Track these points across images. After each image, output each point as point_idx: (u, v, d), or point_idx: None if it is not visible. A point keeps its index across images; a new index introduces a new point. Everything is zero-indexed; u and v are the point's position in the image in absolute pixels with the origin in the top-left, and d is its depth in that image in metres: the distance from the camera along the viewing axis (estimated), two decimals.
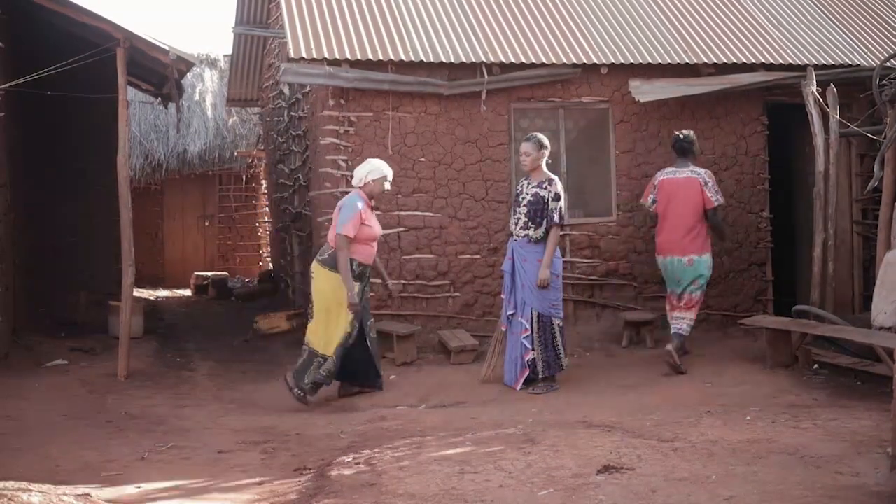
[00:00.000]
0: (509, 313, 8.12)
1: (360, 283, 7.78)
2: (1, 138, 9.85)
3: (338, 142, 9.45)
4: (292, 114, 12.32)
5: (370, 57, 9.29)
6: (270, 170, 15.86)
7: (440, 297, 9.60)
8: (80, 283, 12.56)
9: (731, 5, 11.01)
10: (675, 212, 8.66)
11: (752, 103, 10.24)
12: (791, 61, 10.10)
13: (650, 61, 9.84)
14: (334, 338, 7.78)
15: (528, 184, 8.16)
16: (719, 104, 10.16)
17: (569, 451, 5.64)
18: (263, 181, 18.91)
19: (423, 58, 9.40)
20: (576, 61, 9.71)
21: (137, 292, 12.68)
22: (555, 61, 9.66)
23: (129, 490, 5.47)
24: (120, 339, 9.12)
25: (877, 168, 8.30)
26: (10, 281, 9.97)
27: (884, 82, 8.62)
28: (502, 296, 8.30)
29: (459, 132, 9.66)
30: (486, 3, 10.32)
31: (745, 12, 10.92)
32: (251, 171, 19.48)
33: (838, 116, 9.05)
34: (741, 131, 10.22)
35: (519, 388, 8.00)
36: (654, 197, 8.86)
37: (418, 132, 9.59)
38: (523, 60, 9.59)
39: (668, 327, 8.88)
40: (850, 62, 10.26)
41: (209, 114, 19.15)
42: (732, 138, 10.23)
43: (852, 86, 10.00)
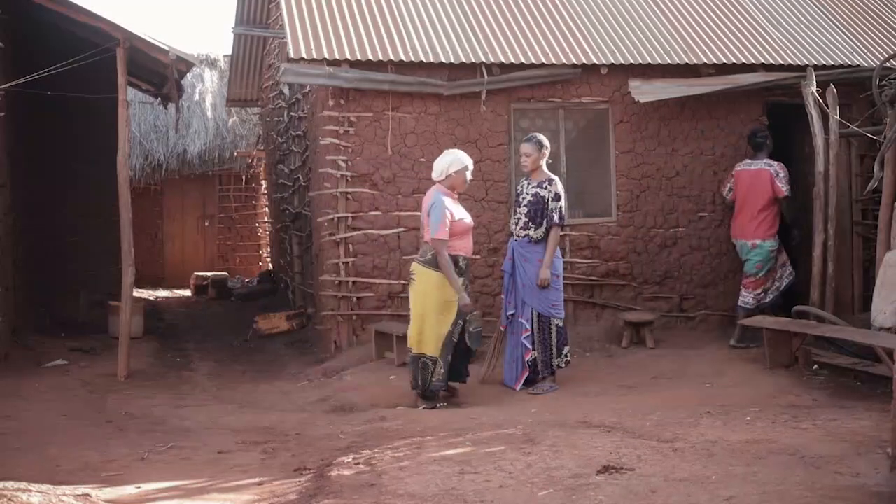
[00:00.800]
0: (509, 313, 8.12)
1: (463, 278, 7.65)
2: (1, 138, 9.86)
3: (338, 142, 9.45)
4: (292, 114, 12.32)
5: (370, 57, 9.29)
6: (270, 170, 15.87)
7: None
8: (80, 283, 12.57)
9: (731, 5, 11.01)
10: (747, 200, 9.52)
11: (752, 103, 10.25)
12: (791, 62, 10.10)
13: (650, 61, 9.85)
14: (439, 337, 7.56)
15: (528, 184, 8.16)
16: (719, 104, 10.17)
17: (569, 451, 5.64)
18: (263, 181, 18.92)
19: (422, 58, 9.40)
20: (575, 61, 9.72)
21: (137, 292, 12.70)
22: (554, 61, 9.66)
23: (129, 490, 5.47)
24: (120, 339, 9.12)
25: (877, 168, 8.30)
26: (10, 281, 9.97)
27: (884, 83, 8.63)
28: (502, 296, 8.30)
29: (459, 132, 9.66)
30: (486, 3, 10.32)
31: (745, 12, 10.92)
32: (251, 171, 19.49)
33: (838, 117, 9.05)
34: (741, 131, 10.22)
35: (519, 388, 8.00)
36: (731, 186, 9.72)
37: (418, 132, 9.59)
38: (523, 61, 9.59)
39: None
40: (850, 63, 10.26)
41: (209, 114, 19.16)
42: (732, 138, 10.23)
43: (852, 86, 10.00)
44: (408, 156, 9.56)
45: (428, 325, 7.56)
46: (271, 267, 17.03)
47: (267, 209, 18.20)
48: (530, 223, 8.02)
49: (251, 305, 14.25)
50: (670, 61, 9.88)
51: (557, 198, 8.04)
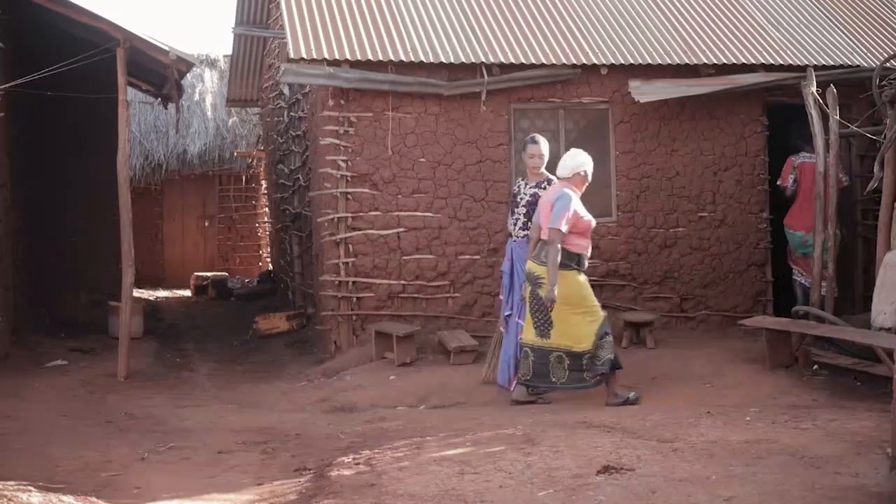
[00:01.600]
0: (506, 314, 8.11)
1: (582, 274, 7.69)
2: (1, 138, 9.86)
3: (338, 142, 9.45)
4: (292, 114, 12.32)
5: (370, 57, 9.29)
6: (270, 170, 15.87)
7: (440, 298, 9.60)
8: (80, 283, 12.58)
9: (731, 5, 11.01)
10: (812, 191, 9.26)
11: (752, 104, 10.24)
12: (791, 62, 10.10)
13: (650, 62, 9.85)
14: (592, 328, 7.53)
15: (526, 184, 8.17)
16: (719, 105, 10.16)
17: (569, 451, 5.64)
18: (263, 181, 18.92)
19: (422, 58, 9.40)
20: (575, 62, 9.72)
21: (137, 292, 12.69)
22: (554, 62, 9.66)
23: (129, 490, 5.47)
24: (120, 339, 9.13)
25: (877, 169, 8.30)
26: (10, 281, 9.98)
27: (884, 83, 8.62)
28: (500, 296, 8.29)
29: (459, 133, 9.66)
30: (486, 3, 10.32)
31: (745, 12, 10.91)
32: (251, 171, 19.49)
33: (838, 117, 9.04)
34: (741, 132, 10.22)
35: (513, 388, 7.94)
36: (795, 178, 9.80)
37: (418, 132, 9.59)
38: (523, 61, 9.59)
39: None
40: (850, 63, 10.26)
41: (209, 114, 19.17)
42: (732, 139, 10.23)
43: (852, 86, 9.99)
44: (408, 156, 9.56)
45: (576, 321, 7.50)
46: (271, 267, 17.03)
47: (267, 209, 18.20)
48: (530, 223, 8.01)
49: (251, 305, 14.25)
50: (670, 61, 9.88)
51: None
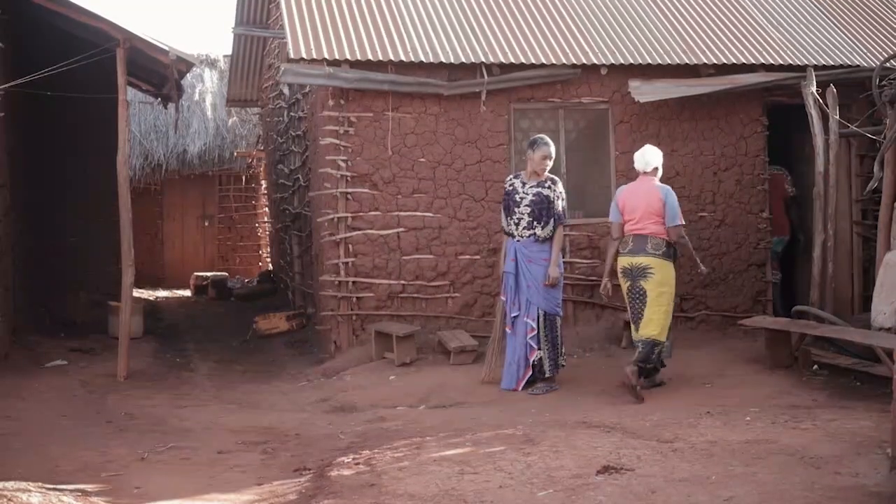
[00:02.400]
0: (514, 315, 8.12)
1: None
2: (1, 138, 9.86)
3: (338, 142, 9.45)
4: (292, 114, 12.32)
5: (370, 57, 9.29)
6: (270, 170, 15.87)
7: (440, 298, 9.60)
8: (80, 283, 12.57)
9: (731, 5, 11.01)
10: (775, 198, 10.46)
11: (752, 104, 10.24)
12: (791, 62, 10.10)
13: (650, 62, 9.85)
14: (669, 321, 7.86)
15: (526, 184, 8.17)
16: (719, 105, 10.16)
17: (568, 451, 5.65)
18: (263, 181, 18.92)
19: (422, 58, 9.40)
20: (575, 62, 9.72)
21: (137, 292, 12.69)
22: (554, 62, 9.66)
23: (129, 490, 5.47)
24: (120, 339, 9.13)
25: (876, 169, 8.30)
26: (10, 281, 9.97)
27: (883, 83, 8.62)
28: (502, 297, 8.29)
29: (459, 133, 9.66)
30: (486, 3, 10.32)
31: (745, 12, 10.92)
32: (251, 171, 19.49)
33: (838, 117, 9.05)
34: (741, 132, 10.22)
35: (521, 388, 8.00)
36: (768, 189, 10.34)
37: (418, 132, 9.59)
38: (523, 61, 9.59)
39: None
40: (849, 63, 10.26)
41: (209, 114, 19.16)
42: (732, 139, 10.22)
43: (852, 86, 9.99)
44: (408, 156, 9.56)
45: (666, 314, 7.77)
46: (271, 267, 17.03)
47: (267, 209, 18.20)
48: (535, 222, 8.03)
49: (251, 305, 14.25)
50: (670, 61, 9.88)
51: (561, 197, 8.14)
